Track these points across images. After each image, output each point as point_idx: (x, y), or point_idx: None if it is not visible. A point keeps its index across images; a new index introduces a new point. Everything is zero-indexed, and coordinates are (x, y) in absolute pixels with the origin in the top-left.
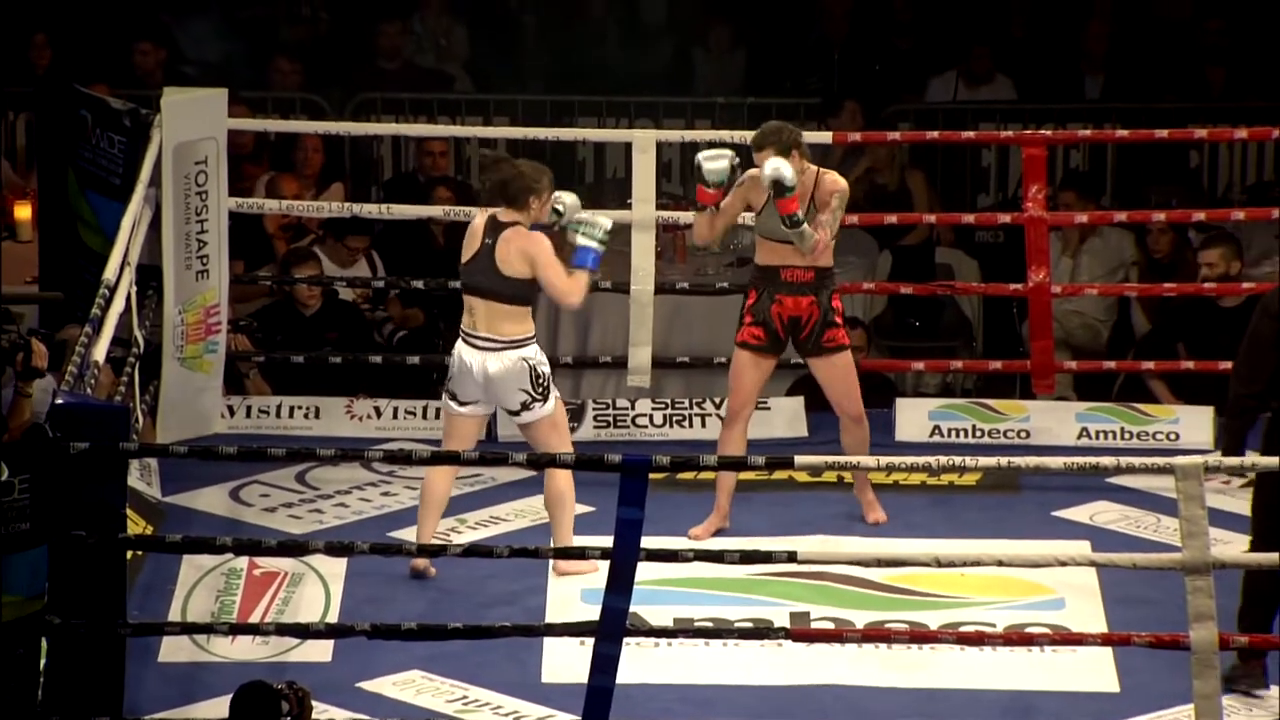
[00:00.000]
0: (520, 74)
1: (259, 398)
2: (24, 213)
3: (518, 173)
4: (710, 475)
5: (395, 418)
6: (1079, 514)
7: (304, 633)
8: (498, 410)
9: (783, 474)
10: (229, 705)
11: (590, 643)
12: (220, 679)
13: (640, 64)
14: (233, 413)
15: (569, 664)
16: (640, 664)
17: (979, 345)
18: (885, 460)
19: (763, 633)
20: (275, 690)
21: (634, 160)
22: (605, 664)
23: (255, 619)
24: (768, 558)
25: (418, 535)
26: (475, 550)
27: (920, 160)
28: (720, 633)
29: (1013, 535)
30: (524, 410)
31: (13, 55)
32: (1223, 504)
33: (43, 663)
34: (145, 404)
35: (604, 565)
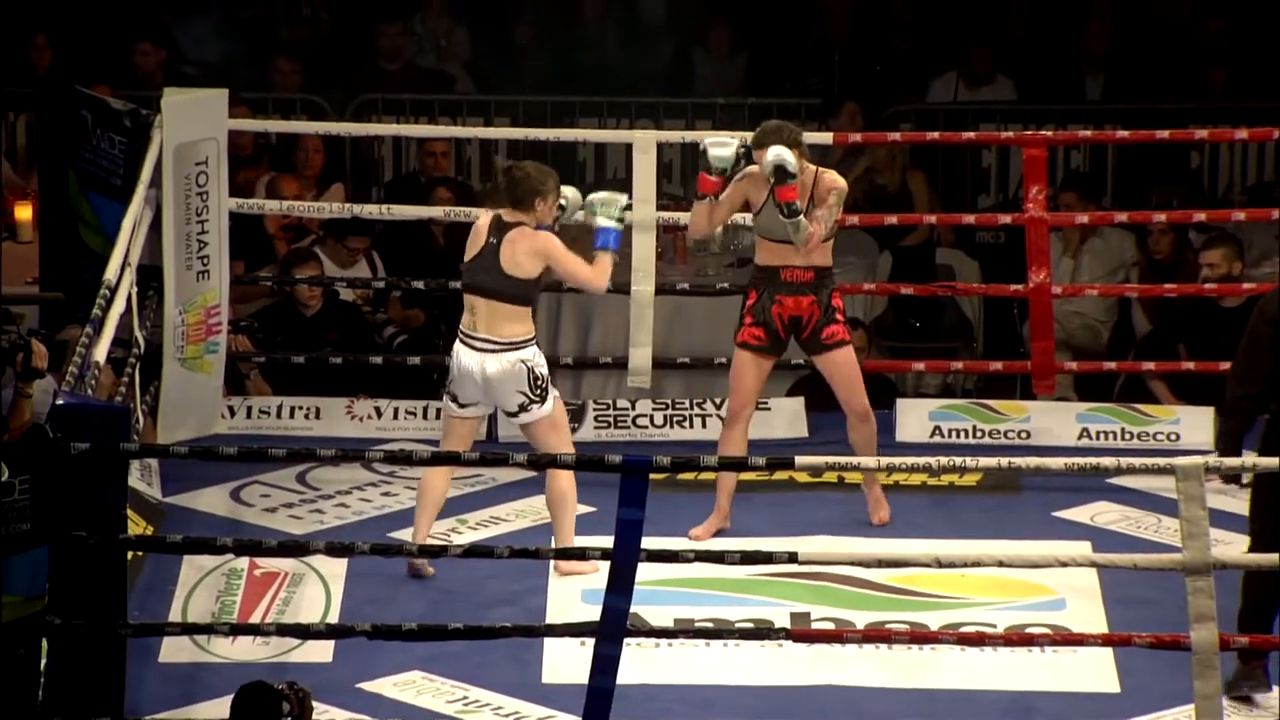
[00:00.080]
0: (521, 75)
1: (260, 398)
2: (24, 213)
3: (524, 174)
4: (711, 476)
5: (396, 418)
6: (1080, 514)
7: (304, 633)
8: (498, 411)
9: (783, 474)
10: (230, 706)
11: (591, 643)
12: (221, 679)
13: (641, 65)
14: (233, 413)
15: (570, 664)
16: (641, 664)
17: (979, 346)
18: (886, 461)
19: (763, 633)
20: (276, 691)
21: (634, 161)
22: (606, 664)
23: (256, 619)
24: (768, 558)
25: (414, 534)
26: (476, 551)
27: (921, 161)
28: (721, 633)
29: (1013, 536)
30: (522, 411)
31: (13, 56)
32: (1223, 504)
33: (43, 663)
34: (146, 404)
35: (604, 566)
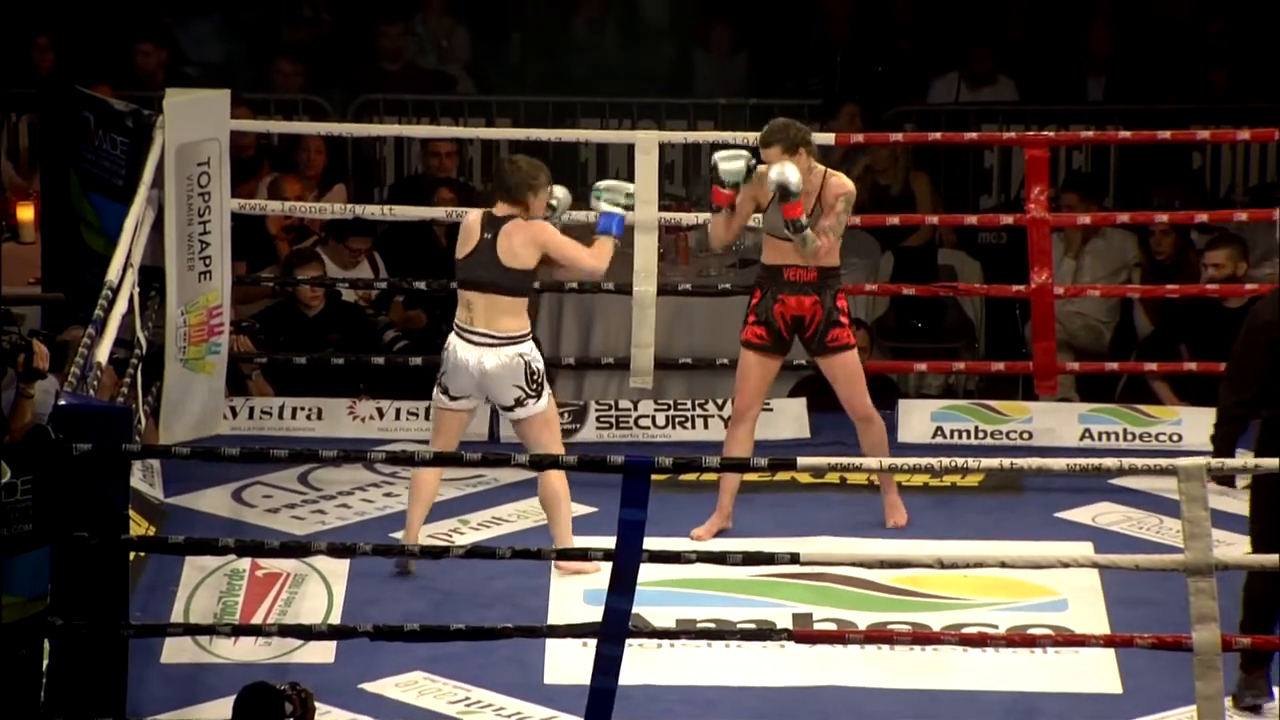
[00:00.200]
0: (522, 75)
1: (261, 399)
2: (26, 214)
3: (515, 168)
4: (712, 476)
5: (397, 419)
6: (1081, 515)
7: (306, 634)
8: (500, 412)
9: (785, 475)
10: (232, 706)
11: (593, 644)
12: (223, 680)
13: (641, 65)
14: (235, 414)
15: (571, 665)
16: (643, 665)
17: (981, 346)
18: (888, 461)
19: (765, 634)
20: (279, 691)
21: (636, 161)
22: (608, 665)
23: (258, 620)
24: (770, 559)
25: (406, 532)
26: (477, 551)
27: (922, 161)
28: (723, 634)
29: (1015, 536)
30: (517, 406)
31: (16, 57)
32: (1225, 505)
33: (45, 664)
34: (148, 405)
35: (606, 566)
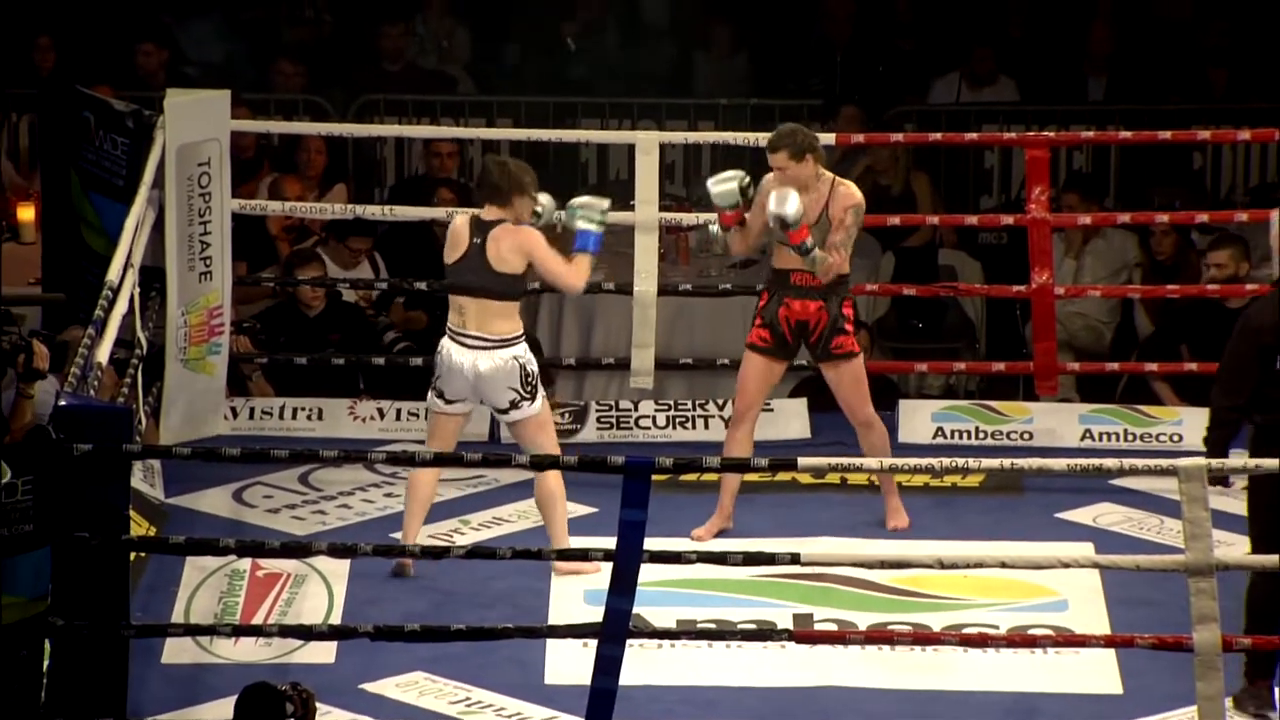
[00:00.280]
0: (522, 76)
1: (262, 399)
2: (27, 214)
3: (503, 171)
4: (713, 477)
5: (398, 419)
6: (1082, 515)
7: (307, 634)
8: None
9: (786, 476)
10: (233, 707)
11: (593, 644)
12: (224, 680)
13: (642, 65)
14: (235, 414)
15: (572, 666)
16: (643, 665)
17: (982, 347)
18: (889, 462)
19: (766, 634)
20: (279, 691)
21: (637, 162)
22: (608, 665)
23: (258, 620)
24: (771, 559)
25: (404, 534)
26: (478, 552)
27: (923, 162)
28: (723, 634)
29: (1016, 537)
30: (512, 409)
31: (16, 57)
32: (1226, 506)
33: (46, 664)
34: (148, 405)
35: (606, 566)
